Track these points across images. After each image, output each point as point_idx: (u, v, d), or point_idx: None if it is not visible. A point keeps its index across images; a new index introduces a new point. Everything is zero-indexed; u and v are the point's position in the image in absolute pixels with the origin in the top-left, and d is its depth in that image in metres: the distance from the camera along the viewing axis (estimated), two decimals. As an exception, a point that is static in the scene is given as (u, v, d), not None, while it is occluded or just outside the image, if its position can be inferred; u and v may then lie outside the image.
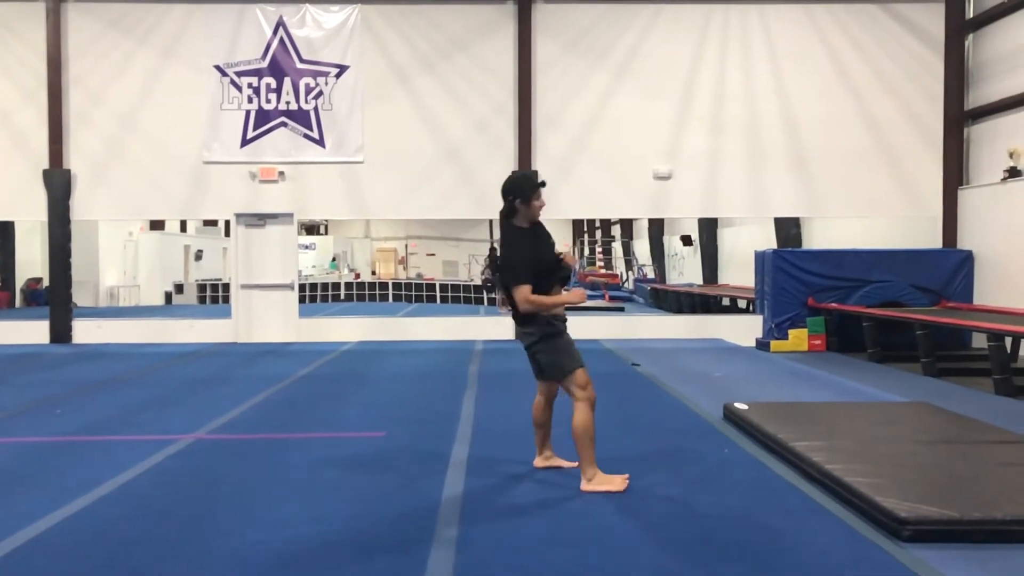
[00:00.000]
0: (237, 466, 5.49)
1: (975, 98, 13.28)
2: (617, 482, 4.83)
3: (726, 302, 18.83)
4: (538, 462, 5.28)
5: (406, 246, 37.74)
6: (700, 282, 23.91)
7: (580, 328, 14.00)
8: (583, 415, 4.77)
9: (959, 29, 13.41)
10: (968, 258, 12.83)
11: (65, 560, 3.84)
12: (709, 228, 24.19)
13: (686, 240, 26.69)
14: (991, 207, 12.59)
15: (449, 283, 26.23)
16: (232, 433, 4.36)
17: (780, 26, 13.70)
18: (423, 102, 13.71)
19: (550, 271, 4.82)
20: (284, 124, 13.60)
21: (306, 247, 30.99)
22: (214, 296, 24.05)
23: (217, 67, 13.58)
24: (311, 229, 33.54)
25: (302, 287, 19.10)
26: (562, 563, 3.77)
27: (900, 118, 13.66)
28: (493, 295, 24.17)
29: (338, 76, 13.63)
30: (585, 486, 4.81)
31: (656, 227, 29.84)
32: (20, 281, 22.32)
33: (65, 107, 13.53)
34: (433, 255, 38.13)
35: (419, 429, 6.75)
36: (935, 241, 13.56)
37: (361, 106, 13.65)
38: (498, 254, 4.91)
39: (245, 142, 13.59)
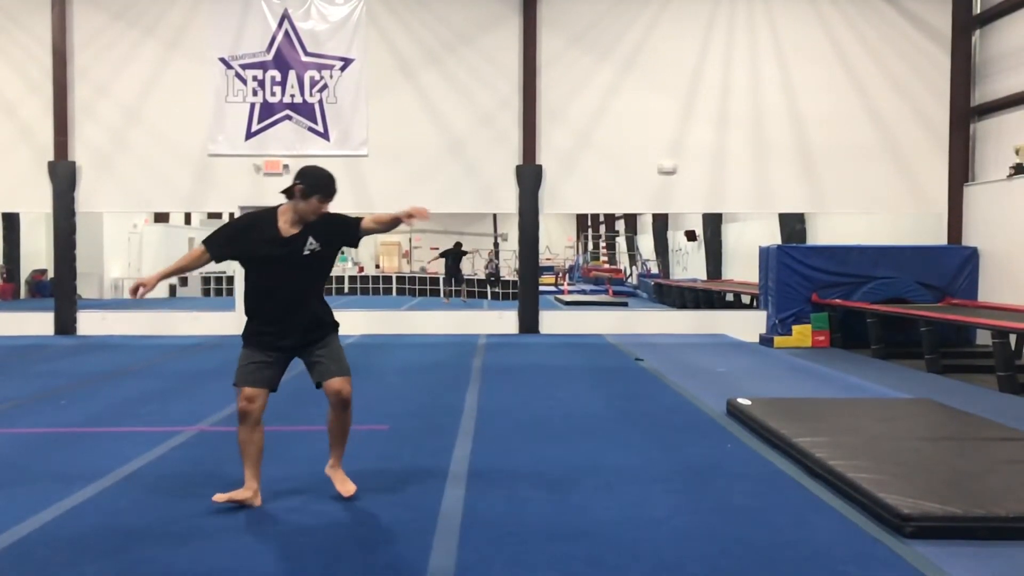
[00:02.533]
0: (240, 458, 5.47)
1: (981, 94, 13.22)
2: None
3: (730, 298, 18.82)
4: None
5: (410, 240, 37.69)
6: (704, 277, 23.89)
7: (583, 323, 14.23)
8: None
9: (966, 25, 13.34)
10: (973, 255, 12.79)
11: (67, 551, 3.85)
12: (713, 223, 24.17)
13: (690, 235, 26.66)
14: (996, 204, 12.54)
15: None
16: (235, 425, 4.38)
17: (786, 21, 13.66)
18: (428, 96, 13.70)
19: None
20: (289, 117, 13.60)
21: (310, 240, 30.98)
22: (218, 289, 24.09)
23: (222, 59, 13.57)
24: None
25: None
26: (564, 557, 3.78)
27: (906, 114, 13.61)
28: (496, 289, 24.21)
29: (343, 69, 13.61)
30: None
31: (660, 222, 29.82)
32: (25, 273, 22.38)
33: (70, 99, 13.53)
34: (437, 249, 38.01)
35: (422, 422, 6.76)
36: (940, 238, 13.53)
37: (366, 100, 13.63)
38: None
39: (250, 135, 13.59)
